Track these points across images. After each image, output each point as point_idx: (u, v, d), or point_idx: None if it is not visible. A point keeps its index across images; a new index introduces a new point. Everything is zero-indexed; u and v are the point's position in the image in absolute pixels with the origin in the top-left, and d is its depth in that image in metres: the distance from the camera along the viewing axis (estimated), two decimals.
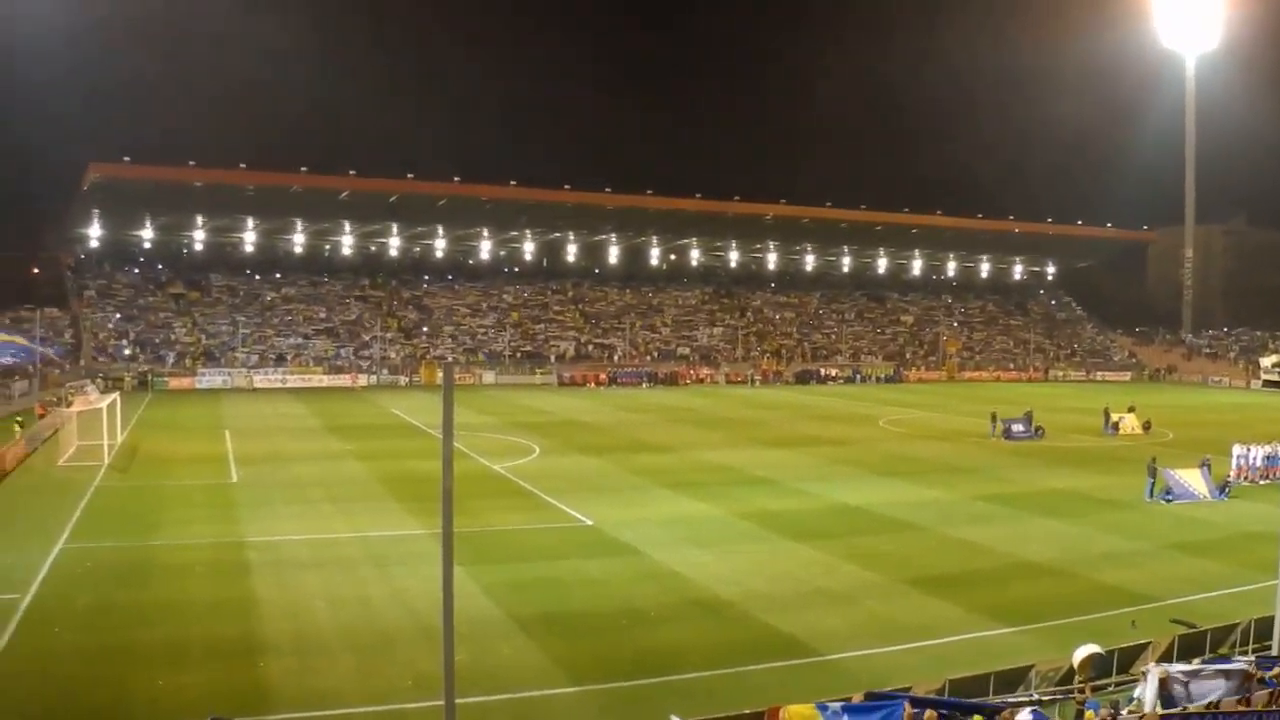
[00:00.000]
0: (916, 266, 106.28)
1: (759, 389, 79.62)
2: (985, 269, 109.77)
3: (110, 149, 70.99)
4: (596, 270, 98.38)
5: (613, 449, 41.41)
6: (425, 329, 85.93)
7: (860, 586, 21.20)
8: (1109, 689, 14.85)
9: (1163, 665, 13.75)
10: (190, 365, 73.61)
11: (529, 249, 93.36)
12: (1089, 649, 14.25)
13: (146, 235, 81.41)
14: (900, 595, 20.67)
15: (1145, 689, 13.21)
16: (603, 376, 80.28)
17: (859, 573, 22.22)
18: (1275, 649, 15.75)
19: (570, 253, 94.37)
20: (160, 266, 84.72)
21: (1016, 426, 46.36)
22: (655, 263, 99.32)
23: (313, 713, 14.56)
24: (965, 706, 12.79)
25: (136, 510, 27.84)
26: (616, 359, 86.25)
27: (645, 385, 79.27)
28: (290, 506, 28.72)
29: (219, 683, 15.43)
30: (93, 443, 36.54)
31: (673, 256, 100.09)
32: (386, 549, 23.78)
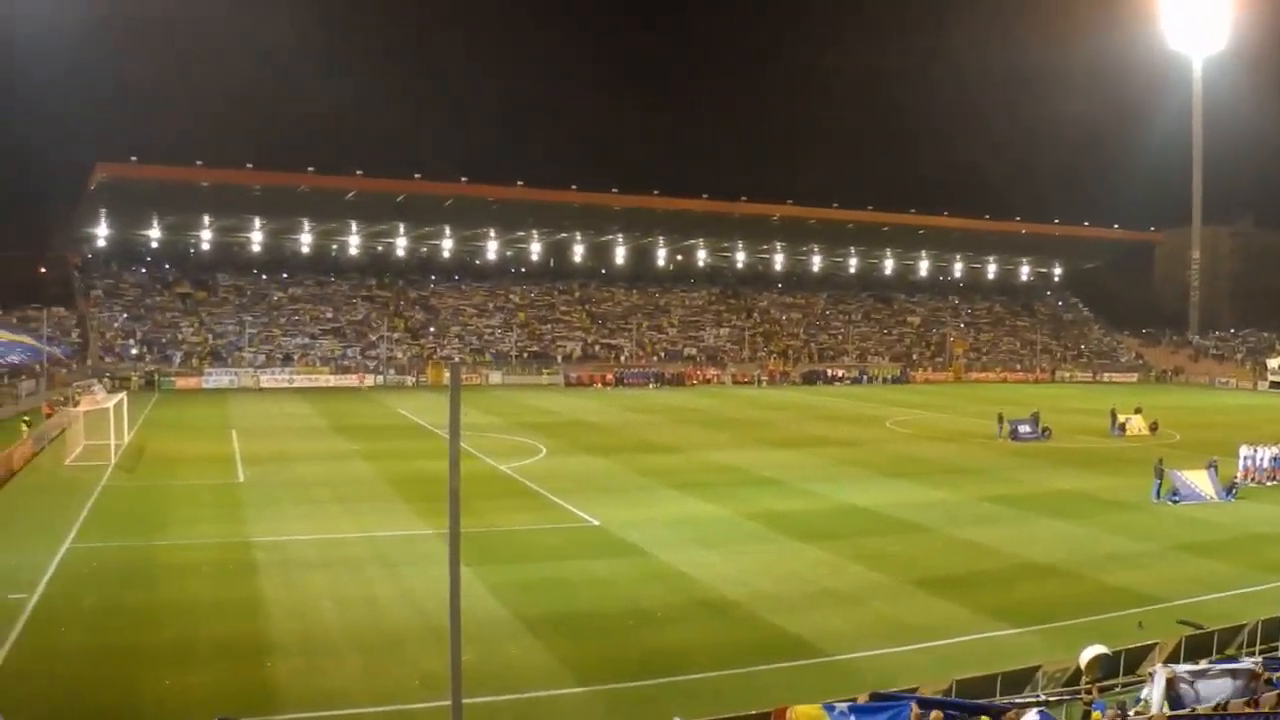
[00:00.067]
0: (923, 267, 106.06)
1: (766, 389, 79.61)
2: (992, 270, 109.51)
3: (117, 149, 71.38)
4: (603, 270, 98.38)
5: (619, 449, 41.42)
6: (432, 329, 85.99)
7: (867, 587, 21.19)
8: (1116, 690, 14.83)
9: (1170, 666, 13.73)
10: (197, 365, 73.75)
11: (535, 249, 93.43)
12: (1096, 650, 14.25)
13: (153, 235, 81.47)
14: (907, 596, 20.65)
15: (1152, 690, 13.20)
16: (609, 377, 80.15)
17: (866, 573, 22.20)
18: None
19: (577, 253, 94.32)
20: (167, 266, 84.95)
21: (1023, 427, 46.28)
22: (662, 263, 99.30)
23: (320, 713, 14.57)
24: (972, 707, 12.80)
25: (143, 510, 27.89)
26: (623, 359, 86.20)
27: (652, 386, 79.18)
28: (297, 506, 28.75)
29: (226, 683, 15.44)
30: (99, 442, 36.57)
31: (679, 257, 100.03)
32: (393, 549, 23.78)
